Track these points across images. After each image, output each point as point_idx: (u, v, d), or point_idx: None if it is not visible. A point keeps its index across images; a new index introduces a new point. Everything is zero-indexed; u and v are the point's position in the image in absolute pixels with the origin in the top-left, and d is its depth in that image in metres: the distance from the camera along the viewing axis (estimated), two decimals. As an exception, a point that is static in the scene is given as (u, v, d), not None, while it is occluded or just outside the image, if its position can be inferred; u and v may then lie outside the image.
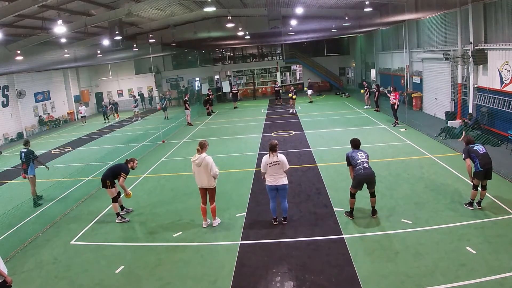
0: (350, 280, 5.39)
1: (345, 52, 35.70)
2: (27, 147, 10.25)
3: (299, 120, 19.21)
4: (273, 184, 7.10)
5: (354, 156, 7.20)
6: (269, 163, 7.06)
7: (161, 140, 16.74)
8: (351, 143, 7.49)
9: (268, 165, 7.08)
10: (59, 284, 5.96)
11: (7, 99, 21.85)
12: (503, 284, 4.98)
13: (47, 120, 25.29)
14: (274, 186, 7.11)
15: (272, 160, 7.04)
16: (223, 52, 36.57)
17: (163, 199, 9.43)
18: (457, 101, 15.16)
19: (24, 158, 10.05)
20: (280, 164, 7.04)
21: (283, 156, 7.13)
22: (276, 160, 7.03)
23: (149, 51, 25.98)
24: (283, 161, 7.08)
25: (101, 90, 32.56)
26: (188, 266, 6.17)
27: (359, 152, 7.25)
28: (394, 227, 6.85)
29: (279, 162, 7.03)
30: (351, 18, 21.78)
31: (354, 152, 7.27)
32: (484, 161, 7.12)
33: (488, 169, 7.16)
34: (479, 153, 7.21)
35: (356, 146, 7.38)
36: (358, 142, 7.43)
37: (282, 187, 7.13)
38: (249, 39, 26.55)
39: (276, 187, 7.12)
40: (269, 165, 7.07)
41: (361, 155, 7.17)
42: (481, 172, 7.14)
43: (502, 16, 11.95)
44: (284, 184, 7.11)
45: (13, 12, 12.60)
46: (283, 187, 7.14)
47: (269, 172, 7.11)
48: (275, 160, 7.03)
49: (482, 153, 7.23)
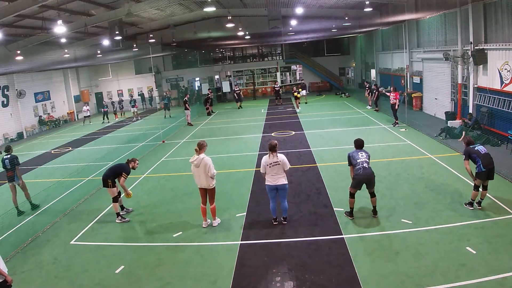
0: (350, 280, 5.39)
1: (345, 52, 35.69)
2: (9, 153, 9.54)
3: (299, 120, 19.20)
4: (273, 184, 7.09)
5: (355, 156, 7.22)
6: (269, 163, 7.05)
7: (161, 140, 16.75)
8: (355, 143, 7.49)
9: (268, 165, 7.06)
10: (59, 284, 5.97)
11: (7, 99, 21.86)
12: (503, 284, 4.98)
13: (47, 120, 25.29)
14: (274, 186, 7.10)
15: (273, 161, 7.03)
16: (223, 52, 36.57)
17: (163, 199, 9.44)
18: (457, 101, 15.16)
19: (8, 164, 9.35)
20: (281, 164, 7.03)
21: (283, 156, 7.12)
22: (276, 160, 7.02)
23: (149, 51, 26.00)
24: (284, 161, 7.06)
25: (101, 90, 32.57)
26: (188, 266, 6.17)
27: (361, 152, 7.26)
28: (394, 227, 6.85)
29: (279, 162, 7.02)
30: (351, 18, 21.78)
31: (356, 152, 7.30)
32: (487, 161, 7.08)
33: (491, 169, 7.14)
34: (480, 154, 7.17)
35: (359, 146, 7.39)
36: (361, 142, 7.44)
37: (282, 187, 7.12)
38: (249, 39, 26.55)
39: (276, 187, 7.12)
40: (269, 166, 7.06)
41: (361, 155, 7.18)
42: (484, 173, 7.10)
43: (502, 16, 11.95)
44: (283, 184, 7.10)
45: (13, 12, 12.60)
46: (283, 187, 7.13)
47: (269, 172, 7.10)
48: (275, 160, 7.02)
49: (484, 153, 7.20)
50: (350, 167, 7.32)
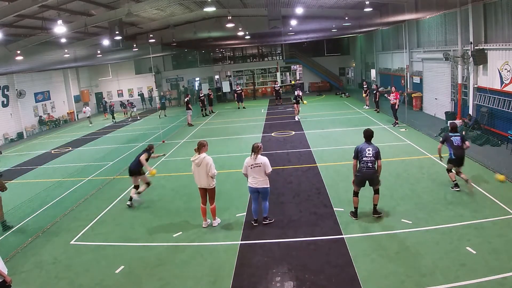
0: (350, 280, 5.39)
1: (345, 52, 35.69)
2: None
3: (299, 120, 19.20)
4: (254, 187, 7.13)
5: (362, 151, 7.00)
6: (250, 165, 7.06)
7: (161, 140, 16.74)
8: (364, 133, 7.22)
9: (249, 166, 7.07)
10: (59, 284, 5.97)
11: (7, 99, 21.86)
12: (503, 284, 4.98)
13: (47, 120, 25.29)
14: (255, 188, 7.13)
15: (254, 162, 7.03)
16: (223, 52, 36.55)
17: (163, 199, 9.44)
18: (457, 101, 15.16)
19: None
20: (262, 166, 7.02)
21: (265, 159, 7.08)
22: (257, 162, 7.01)
23: (149, 51, 25.93)
24: (265, 164, 7.03)
25: (101, 90, 32.58)
26: (188, 266, 6.17)
27: (369, 148, 6.98)
28: (394, 227, 6.85)
29: (260, 165, 7.01)
30: (351, 18, 21.77)
31: (365, 145, 7.06)
32: (458, 152, 8.06)
33: (461, 158, 8.10)
34: (453, 145, 8.11)
35: (368, 138, 7.13)
36: (370, 133, 7.16)
37: (263, 189, 7.14)
38: (249, 39, 26.53)
39: (257, 190, 7.14)
40: (250, 167, 7.07)
41: (369, 153, 6.93)
42: (454, 160, 8.14)
43: (502, 16, 11.95)
44: (264, 187, 7.11)
45: (13, 12, 12.59)
46: (264, 190, 7.15)
47: (250, 174, 7.10)
48: (256, 162, 7.02)
49: (456, 145, 8.08)
50: (354, 161, 7.11)
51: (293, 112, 21.32)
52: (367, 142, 7.13)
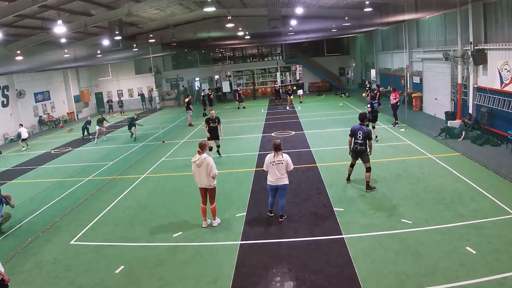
0: (350, 280, 5.39)
1: (345, 52, 35.66)
2: None
3: (299, 120, 19.20)
4: (274, 184, 7.20)
5: (355, 133, 8.55)
6: (272, 161, 7.12)
7: (161, 140, 16.74)
8: (359, 116, 8.98)
9: (271, 163, 7.12)
10: (59, 284, 5.96)
11: (7, 99, 21.84)
12: (503, 284, 4.98)
13: (47, 120, 25.28)
14: (275, 186, 7.20)
15: (276, 159, 7.10)
16: (223, 52, 36.53)
17: (163, 199, 9.44)
18: (457, 101, 15.16)
19: None
20: (284, 163, 7.10)
21: (287, 156, 7.21)
22: (280, 159, 7.10)
23: (149, 51, 25.95)
24: (288, 161, 7.16)
25: (101, 90, 32.56)
26: (188, 266, 6.17)
27: (360, 131, 8.48)
28: (394, 227, 6.85)
29: (283, 162, 7.10)
30: (351, 18, 21.77)
31: (358, 127, 8.56)
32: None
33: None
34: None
35: (362, 120, 8.74)
36: (364, 116, 8.93)
37: (283, 186, 7.20)
38: (249, 39, 26.53)
39: (277, 187, 7.19)
40: (272, 164, 7.12)
41: (359, 135, 8.45)
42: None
43: (502, 16, 11.94)
44: (284, 184, 7.18)
45: (13, 12, 12.59)
46: (284, 187, 7.22)
47: (271, 171, 7.14)
48: (279, 159, 7.10)
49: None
50: (350, 138, 8.67)
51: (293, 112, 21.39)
52: (360, 124, 8.67)
